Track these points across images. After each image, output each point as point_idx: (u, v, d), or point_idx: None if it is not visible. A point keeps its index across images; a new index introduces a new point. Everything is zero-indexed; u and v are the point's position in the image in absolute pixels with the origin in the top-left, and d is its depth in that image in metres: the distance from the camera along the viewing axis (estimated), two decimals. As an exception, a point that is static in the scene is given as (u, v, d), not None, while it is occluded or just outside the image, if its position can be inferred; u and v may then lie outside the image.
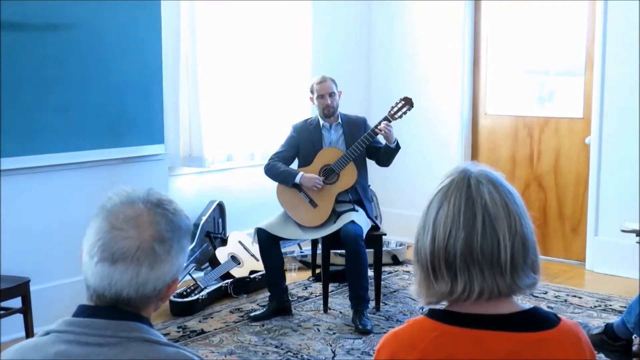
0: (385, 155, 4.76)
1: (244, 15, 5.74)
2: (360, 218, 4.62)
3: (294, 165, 4.88)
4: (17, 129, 4.23)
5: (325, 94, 4.76)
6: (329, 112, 4.79)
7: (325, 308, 4.75)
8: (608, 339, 3.83)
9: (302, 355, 4.06)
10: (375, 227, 4.82)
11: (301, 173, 4.70)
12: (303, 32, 6.18)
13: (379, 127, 4.63)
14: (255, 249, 5.15)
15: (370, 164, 4.93)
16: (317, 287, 5.17)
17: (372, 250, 4.76)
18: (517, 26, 6.18)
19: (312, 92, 4.82)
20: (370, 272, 4.77)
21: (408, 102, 4.76)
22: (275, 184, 4.79)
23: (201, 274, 5.24)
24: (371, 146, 4.78)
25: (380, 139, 4.77)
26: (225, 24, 5.63)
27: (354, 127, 4.82)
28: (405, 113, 4.76)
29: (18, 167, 4.27)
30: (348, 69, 6.49)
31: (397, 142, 4.72)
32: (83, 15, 4.49)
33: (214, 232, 5.55)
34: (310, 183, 4.66)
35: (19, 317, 4.04)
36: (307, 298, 5.04)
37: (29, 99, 4.28)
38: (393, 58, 6.72)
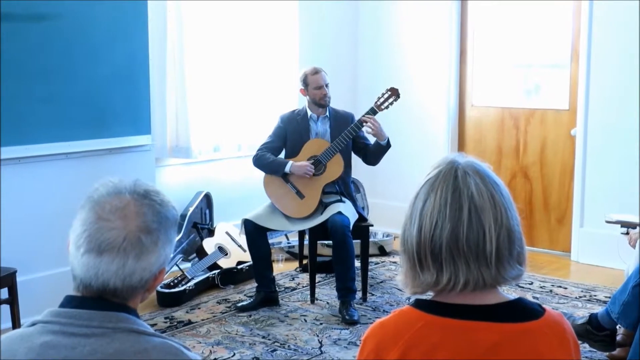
0: (375, 152, 4.76)
1: (232, 7, 5.72)
2: (347, 209, 4.63)
3: (281, 156, 4.87)
4: (3, 120, 4.20)
5: (323, 84, 4.75)
6: (326, 102, 4.78)
7: (312, 299, 4.76)
8: (592, 329, 3.85)
9: (289, 346, 4.07)
10: (362, 218, 4.83)
11: (291, 162, 4.70)
12: (290, 25, 6.16)
13: (364, 117, 4.63)
14: (242, 239, 5.15)
15: (356, 159, 4.93)
16: (304, 278, 5.17)
17: (359, 241, 4.77)
18: (503, 19, 6.19)
19: (305, 83, 4.78)
20: (357, 263, 4.78)
21: (394, 93, 4.76)
22: (262, 174, 4.79)
23: (188, 264, 5.24)
24: (358, 141, 4.78)
25: (369, 137, 4.77)
26: (213, 15, 5.60)
27: (341, 122, 4.81)
28: (391, 104, 4.75)
29: (4, 158, 4.25)
30: (335, 62, 6.48)
31: (389, 140, 4.71)
32: (69, 5, 4.46)
33: (201, 223, 5.54)
34: (301, 171, 4.66)
35: (5, 308, 4.04)
36: (294, 289, 5.05)
37: (15, 89, 4.25)
38: (380, 51, 6.72)
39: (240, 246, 5.37)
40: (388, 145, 4.72)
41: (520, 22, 6.08)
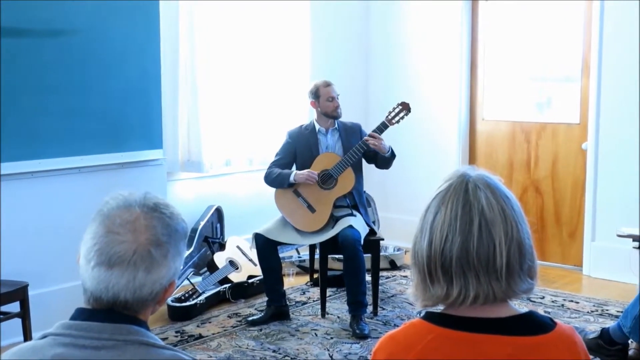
0: (383, 161, 4.79)
1: (243, 21, 5.75)
2: (358, 223, 4.62)
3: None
4: (17, 134, 4.24)
5: (335, 95, 4.78)
6: (338, 114, 4.81)
7: (323, 313, 4.75)
8: (604, 343, 3.83)
9: (299, 360, 4.06)
10: (372, 232, 4.83)
11: (294, 172, 4.71)
12: (301, 39, 6.18)
13: (368, 141, 4.62)
14: (253, 253, 5.16)
15: (367, 169, 4.94)
16: (315, 292, 5.17)
17: (369, 255, 4.76)
18: (514, 32, 6.19)
19: (316, 95, 4.80)
20: (368, 277, 4.77)
21: (406, 107, 4.77)
22: (274, 189, 4.80)
23: (199, 278, 5.24)
24: (369, 152, 4.79)
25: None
26: (224, 30, 5.63)
27: (351, 133, 4.84)
28: (402, 118, 4.77)
29: (17, 172, 4.28)
30: (346, 74, 6.50)
31: (392, 150, 4.73)
32: (83, 21, 4.50)
33: (212, 237, 5.55)
34: (304, 178, 4.66)
35: (17, 322, 4.05)
36: (304, 303, 5.04)
37: (28, 104, 4.29)
38: (391, 63, 6.73)
39: (251, 260, 5.37)
40: (393, 155, 4.74)
41: (531, 35, 6.08)
